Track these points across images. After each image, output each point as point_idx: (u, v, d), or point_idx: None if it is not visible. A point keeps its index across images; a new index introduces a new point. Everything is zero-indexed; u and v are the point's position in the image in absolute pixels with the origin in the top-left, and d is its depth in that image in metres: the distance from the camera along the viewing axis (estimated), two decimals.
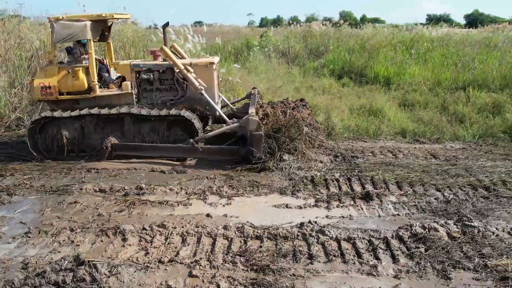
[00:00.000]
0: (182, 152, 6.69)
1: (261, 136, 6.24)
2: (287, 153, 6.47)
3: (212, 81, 7.14)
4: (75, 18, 6.72)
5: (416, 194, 5.47)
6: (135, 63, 7.22)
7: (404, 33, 17.75)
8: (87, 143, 6.99)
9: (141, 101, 7.20)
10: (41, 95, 6.90)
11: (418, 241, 4.27)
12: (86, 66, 6.85)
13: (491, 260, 3.90)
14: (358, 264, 3.92)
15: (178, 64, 6.84)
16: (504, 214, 4.86)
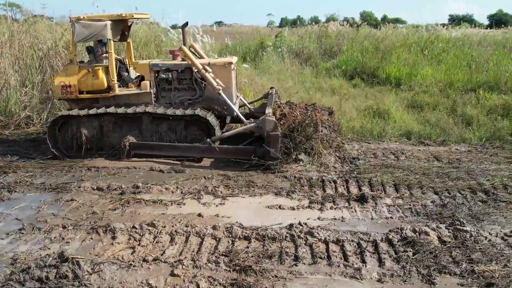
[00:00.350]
0: (199, 152, 6.70)
1: (278, 136, 6.26)
2: (303, 153, 6.47)
3: (230, 81, 7.13)
4: (95, 18, 6.83)
5: (413, 197, 5.38)
6: (154, 62, 7.27)
7: (423, 33, 17.45)
8: (106, 142, 7.08)
9: (160, 100, 7.24)
10: (61, 94, 7.02)
11: (407, 244, 4.20)
12: (106, 66, 6.93)
13: (480, 265, 3.81)
14: (343, 267, 3.88)
15: (197, 64, 6.86)
16: (500, 219, 4.74)
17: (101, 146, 7.13)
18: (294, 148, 6.41)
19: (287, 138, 6.42)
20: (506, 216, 4.80)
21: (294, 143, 6.40)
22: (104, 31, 6.71)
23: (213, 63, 7.10)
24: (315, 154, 6.46)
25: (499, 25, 33.86)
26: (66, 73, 7.01)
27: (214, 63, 7.11)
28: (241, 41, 19.29)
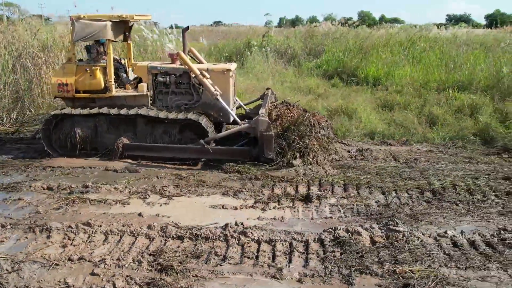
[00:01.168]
0: (193, 153, 6.62)
1: (271, 136, 6.23)
2: (297, 157, 6.37)
3: (227, 88, 7.09)
4: (96, 17, 6.80)
5: (359, 197, 5.37)
6: (153, 65, 7.22)
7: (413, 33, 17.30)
8: (100, 142, 7.04)
9: (156, 103, 7.21)
10: (58, 92, 6.99)
11: (337, 245, 4.18)
12: (104, 66, 6.91)
13: (403, 266, 3.78)
14: (267, 267, 3.87)
15: (194, 69, 6.82)
16: (439, 219, 4.71)
17: (95, 146, 7.09)
18: (288, 148, 6.33)
19: (280, 138, 6.38)
20: (445, 217, 4.77)
21: (288, 143, 6.34)
22: (103, 31, 6.67)
23: (211, 69, 7.04)
24: (309, 153, 6.37)
25: (495, 24, 33.71)
26: (63, 72, 6.98)
27: (212, 69, 7.05)
28: (229, 41, 19.29)
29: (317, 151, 6.43)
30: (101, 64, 6.95)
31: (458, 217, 4.75)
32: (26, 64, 9.55)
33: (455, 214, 4.84)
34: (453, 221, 4.66)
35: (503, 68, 9.81)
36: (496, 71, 9.98)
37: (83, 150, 7.08)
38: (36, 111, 9.34)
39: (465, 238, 4.26)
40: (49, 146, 7.08)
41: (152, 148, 6.80)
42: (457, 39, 15.41)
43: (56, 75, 7.05)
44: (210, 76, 6.91)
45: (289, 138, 6.36)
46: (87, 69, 6.89)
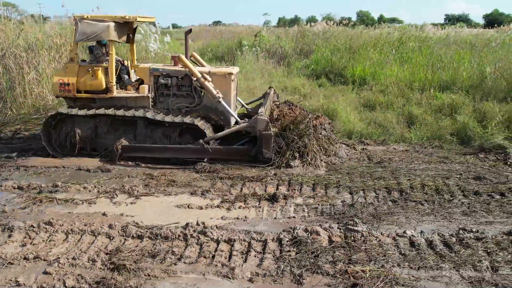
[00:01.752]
0: (192, 153, 6.58)
1: (270, 135, 6.21)
2: (296, 158, 6.31)
3: (229, 91, 7.06)
4: (99, 18, 6.79)
5: (325, 196, 5.36)
6: (155, 67, 7.21)
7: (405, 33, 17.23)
8: (100, 143, 7.02)
9: (157, 105, 7.18)
10: (59, 92, 6.99)
11: (294, 244, 4.18)
12: (106, 66, 6.90)
13: (356, 266, 3.78)
14: (220, 266, 3.87)
15: (195, 73, 6.81)
16: (402, 219, 4.70)
17: (94, 147, 7.08)
18: (287, 147, 6.30)
19: (279, 137, 6.35)
20: (408, 217, 4.76)
21: (286, 142, 6.30)
22: (106, 32, 6.66)
23: (213, 73, 7.02)
24: (308, 153, 6.31)
25: (493, 24, 33.59)
26: (65, 71, 6.98)
27: (214, 73, 7.03)
28: (221, 41, 19.32)
29: (317, 151, 6.39)
30: (103, 65, 6.95)
31: (421, 217, 4.74)
32: (9, 64, 9.56)
33: (418, 214, 4.83)
34: (415, 221, 4.65)
35: (486, 68, 9.77)
36: (479, 70, 9.94)
37: (82, 150, 7.07)
38: (18, 111, 9.35)
39: (423, 238, 4.26)
40: (48, 145, 7.07)
41: (151, 149, 6.74)
42: (448, 39, 15.33)
43: (58, 75, 7.04)
44: (211, 80, 6.90)
45: (288, 138, 6.32)
46: (89, 69, 6.89)
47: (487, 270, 3.70)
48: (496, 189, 5.47)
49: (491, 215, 4.78)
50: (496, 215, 4.78)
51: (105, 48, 7.09)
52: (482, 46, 13.35)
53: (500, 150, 6.98)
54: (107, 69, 6.90)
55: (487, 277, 3.58)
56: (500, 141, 7.03)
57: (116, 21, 6.84)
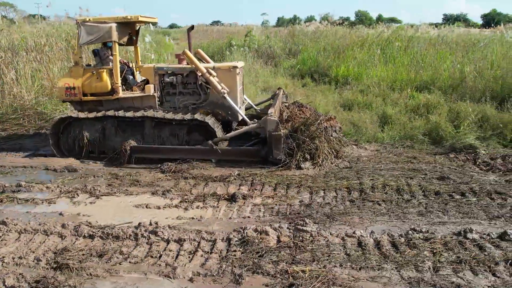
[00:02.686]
0: (201, 154, 6.57)
1: (280, 136, 6.14)
2: (307, 160, 6.24)
3: (235, 86, 7.05)
4: (101, 20, 6.79)
5: (284, 196, 5.35)
6: (159, 66, 7.24)
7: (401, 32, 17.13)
8: (108, 145, 7.01)
9: (164, 104, 7.19)
10: (66, 96, 7.00)
11: (241, 244, 4.18)
12: (111, 68, 6.91)
13: (298, 266, 3.78)
14: (164, 266, 3.87)
15: (201, 68, 6.79)
16: (355, 219, 4.70)
17: (103, 150, 7.06)
18: (298, 149, 6.22)
19: (290, 138, 6.28)
20: (362, 217, 4.75)
21: (297, 143, 6.23)
22: (109, 33, 6.67)
23: (217, 67, 7.03)
24: (319, 155, 6.23)
25: (491, 24, 33.50)
26: (70, 75, 6.99)
27: (219, 67, 7.05)
28: (213, 41, 19.33)
29: (328, 153, 6.30)
30: (108, 67, 6.95)
31: (375, 217, 4.73)
32: None
33: (373, 214, 4.82)
34: (368, 221, 4.64)
35: (466, 68, 9.74)
36: (459, 70, 9.91)
37: (91, 154, 7.06)
38: None
39: (372, 238, 4.25)
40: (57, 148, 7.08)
41: (159, 150, 6.72)
42: (438, 39, 15.28)
43: (63, 79, 7.04)
44: (217, 74, 6.88)
45: (299, 139, 6.24)
46: (93, 71, 6.90)
47: (428, 270, 3.68)
48: (457, 189, 5.45)
49: (447, 216, 4.76)
50: (451, 215, 4.77)
51: (110, 50, 7.04)
52: (469, 46, 13.32)
53: (470, 150, 6.95)
54: (111, 71, 6.90)
55: (426, 278, 3.57)
56: (471, 141, 7.01)
57: (118, 22, 6.82)
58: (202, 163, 6.49)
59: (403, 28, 19.77)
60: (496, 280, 3.54)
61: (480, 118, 7.66)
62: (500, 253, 3.91)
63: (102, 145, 7.03)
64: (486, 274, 3.63)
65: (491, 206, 4.95)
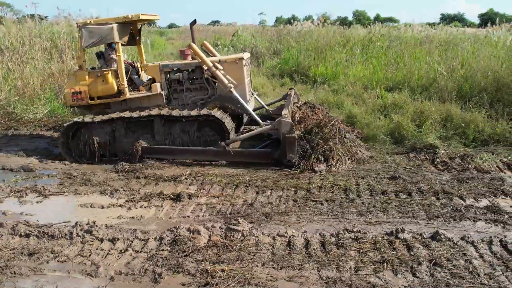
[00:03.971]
0: (214, 156, 6.50)
1: (294, 138, 6.03)
2: (321, 163, 6.11)
3: (242, 78, 6.95)
4: (102, 21, 6.75)
5: (230, 196, 5.36)
6: (164, 63, 7.17)
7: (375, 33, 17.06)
8: (118, 147, 6.96)
9: (172, 102, 7.13)
10: (73, 101, 6.92)
11: (171, 243, 4.20)
12: (115, 70, 6.85)
13: (221, 265, 3.79)
14: (89, 265, 3.90)
15: (207, 62, 6.70)
16: (293, 218, 4.70)
17: (114, 152, 7.01)
18: (312, 151, 6.10)
19: (304, 140, 6.18)
20: (300, 216, 4.75)
21: (311, 145, 6.12)
22: (111, 34, 6.61)
23: (223, 60, 6.93)
24: (333, 157, 6.11)
25: (487, 23, 33.30)
26: (76, 80, 6.90)
27: (225, 60, 6.95)
28: (199, 40, 19.30)
29: (342, 155, 6.18)
30: (113, 68, 6.89)
31: (313, 217, 4.73)
32: None
33: (313, 213, 4.82)
34: (305, 221, 4.65)
35: (437, 68, 9.71)
36: (431, 70, 9.87)
37: (102, 157, 7.01)
38: None
39: (303, 238, 4.25)
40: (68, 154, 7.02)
41: (171, 151, 6.67)
42: (421, 39, 15.23)
43: (69, 85, 6.97)
44: (223, 68, 6.80)
45: (313, 141, 6.13)
46: (98, 74, 6.83)
47: (348, 270, 3.68)
48: (405, 189, 5.44)
49: (386, 215, 4.76)
50: (390, 215, 4.76)
51: (115, 51, 6.96)
52: (453, 45, 13.27)
53: (431, 149, 6.93)
54: (117, 72, 6.83)
55: (344, 278, 3.57)
56: (432, 141, 6.98)
57: (119, 22, 6.76)
58: (157, 162, 6.50)
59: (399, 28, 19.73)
60: (414, 280, 3.53)
61: (444, 118, 7.63)
62: (427, 253, 3.90)
63: (113, 148, 6.97)
64: (406, 274, 3.62)
65: (433, 206, 4.94)
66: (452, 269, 3.67)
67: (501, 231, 4.37)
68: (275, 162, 6.29)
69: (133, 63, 7.65)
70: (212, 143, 6.67)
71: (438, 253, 3.90)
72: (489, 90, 8.27)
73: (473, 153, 6.68)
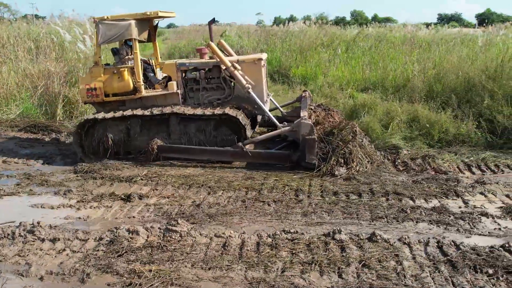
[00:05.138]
0: (231, 156, 6.45)
1: (314, 140, 5.96)
2: (341, 166, 5.99)
3: (260, 79, 6.88)
4: (119, 17, 6.64)
5: (180, 196, 5.39)
6: (181, 62, 7.09)
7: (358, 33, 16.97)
8: (133, 145, 6.88)
9: (188, 101, 7.02)
10: (87, 97, 6.82)
11: (109, 243, 4.23)
12: (132, 67, 6.75)
13: (151, 265, 3.82)
14: (23, 264, 3.93)
15: (225, 61, 6.61)
16: (235, 219, 4.73)
17: (128, 150, 6.95)
18: (332, 153, 6.00)
19: (323, 142, 6.12)
20: (243, 217, 4.78)
21: (332, 148, 6.04)
22: (128, 30, 6.52)
23: (242, 60, 6.85)
24: (353, 160, 6.01)
25: (484, 23, 33.24)
26: (91, 76, 6.80)
27: (243, 60, 6.86)
28: (189, 41, 19.42)
29: (362, 158, 6.10)
30: (129, 65, 6.79)
31: (256, 217, 4.76)
32: None
33: (258, 214, 4.84)
34: (247, 222, 4.67)
35: (409, 68, 9.71)
36: (406, 70, 9.88)
37: (116, 155, 6.93)
38: None
39: (240, 239, 4.27)
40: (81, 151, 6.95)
41: (187, 151, 6.59)
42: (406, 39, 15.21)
43: (84, 81, 6.87)
44: (241, 68, 6.71)
45: (333, 143, 6.07)
46: (114, 71, 6.73)
47: (275, 271, 3.70)
48: (357, 189, 5.45)
49: (330, 216, 4.77)
50: (334, 216, 4.78)
51: (131, 48, 6.89)
52: (438, 46, 13.25)
53: (394, 150, 6.94)
54: (133, 69, 6.74)
55: (268, 278, 3.59)
56: (396, 141, 6.99)
57: (137, 19, 6.68)
58: (116, 163, 6.54)
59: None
60: (338, 281, 3.55)
61: (411, 119, 7.63)
62: (358, 254, 3.91)
63: (127, 145, 6.91)
64: (332, 275, 3.63)
65: (380, 207, 4.95)
66: (380, 270, 3.67)
67: (442, 232, 4.38)
68: (293, 165, 6.21)
69: (148, 61, 7.56)
70: (228, 142, 6.61)
71: (370, 254, 3.91)
72: (459, 90, 8.25)
73: (435, 154, 6.69)
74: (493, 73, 7.89)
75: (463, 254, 3.89)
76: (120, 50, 7.01)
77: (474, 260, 3.78)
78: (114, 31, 6.54)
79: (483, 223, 4.60)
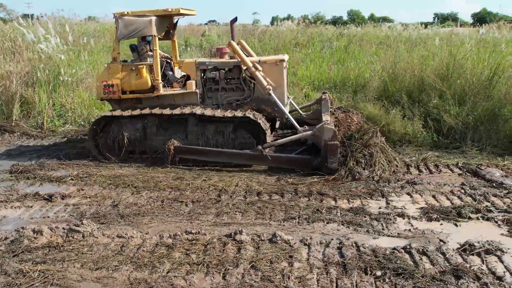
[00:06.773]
0: (250, 159, 6.31)
1: (337, 146, 5.79)
2: (363, 170, 5.84)
3: (281, 80, 6.74)
4: (140, 13, 6.52)
5: (102, 196, 5.41)
6: (201, 60, 6.92)
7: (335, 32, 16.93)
8: (149, 145, 6.75)
9: (206, 101, 6.89)
10: (104, 94, 6.71)
11: (10, 243, 4.26)
12: (150, 64, 6.65)
13: (40, 265, 3.83)
14: None
15: (246, 62, 6.47)
16: (145, 219, 4.75)
17: (143, 150, 6.82)
18: (351, 157, 5.87)
19: (344, 146, 6.01)
20: (156, 217, 4.79)
21: (351, 150, 5.92)
22: (148, 27, 6.41)
23: (263, 61, 6.70)
24: (375, 164, 5.87)
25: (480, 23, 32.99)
26: (108, 72, 6.68)
27: (264, 61, 6.71)
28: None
29: (383, 162, 5.96)
30: (148, 63, 6.70)
31: (167, 218, 4.76)
32: None
33: (172, 214, 4.85)
34: (157, 222, 4.68)
35: (369, 67, 9.67)
36: (366, 70, 9.84)
37: (131, 154, 6.85)
38: None
39: (141, 239, 4.27)
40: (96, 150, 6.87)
41: (205, 153, 6.43)
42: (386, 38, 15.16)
43: (101, 77, 6.77)
44: (262, 69, 6.58)
45: (353, 147, 5.95)
46: (133, 68, 6.62)
47: (161, 271, 3.70)
48: (281, 189, 5.44)
49: (243, 216, 4.77)
50: (247, 216, 4.77)
51: (149, 45, 6.79)
52: (413, 45, 13.20)
53: None
54: (151, 67, 6.63)
55: (150, 279, 3.59)
56: None
57: (158, 15, 6.60)
58: (53, 163, 6.56)
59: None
60: (220, 282, 3.54)
61: None
62: (251, 255, 3.90)
63: (143, 145, 6.80)
64: (216, 276, 3.62)
65: (296, 207, 4.93)
66: (266, 271, 3.65)
67: (349, 233, 4.35)
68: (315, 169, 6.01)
69: (170, 57, 7.45)
70: (247, 146, 6.48)
71: (263, 255, 3.89)
72: (413, 90, 8.19)
73: None
74: (444, 72, 7.82)
75: (359, 256, 3.86)
76: (139, 47, 6.91)
77: (367, 262, 3.76)
78: (134, 27, 6.44)
79: (397, 224, 4.57)
